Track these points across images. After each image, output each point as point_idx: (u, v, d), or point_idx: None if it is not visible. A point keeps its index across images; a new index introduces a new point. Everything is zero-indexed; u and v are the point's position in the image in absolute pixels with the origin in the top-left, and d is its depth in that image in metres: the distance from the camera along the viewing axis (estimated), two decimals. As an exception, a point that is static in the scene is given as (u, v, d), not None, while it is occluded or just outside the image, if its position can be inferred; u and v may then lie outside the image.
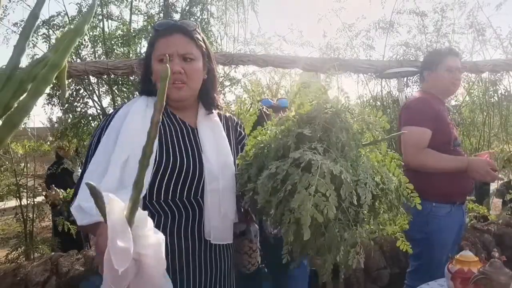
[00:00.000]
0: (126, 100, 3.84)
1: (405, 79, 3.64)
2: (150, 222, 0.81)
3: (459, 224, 2.13)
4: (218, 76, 1.32)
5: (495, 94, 4.33)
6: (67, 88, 3.92)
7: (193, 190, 1.10)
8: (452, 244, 2.13)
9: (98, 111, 3.82)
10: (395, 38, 4.43)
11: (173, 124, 1.19)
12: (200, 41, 1.20)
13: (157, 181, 1.08)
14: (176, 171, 1.09)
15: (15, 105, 0.51)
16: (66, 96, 3.75)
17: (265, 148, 1.03)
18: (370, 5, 4.52)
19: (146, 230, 0.78)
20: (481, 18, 4.41)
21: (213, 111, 1.26)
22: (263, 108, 2.30)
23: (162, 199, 1.09)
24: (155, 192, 1.09)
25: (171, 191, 1.09)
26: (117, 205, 0.71)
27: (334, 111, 0.98)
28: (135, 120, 1.12)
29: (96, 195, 0.70)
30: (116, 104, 3.81)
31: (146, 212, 0.82)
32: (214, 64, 1.27)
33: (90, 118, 3.78)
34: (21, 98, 0.52)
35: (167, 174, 1.08)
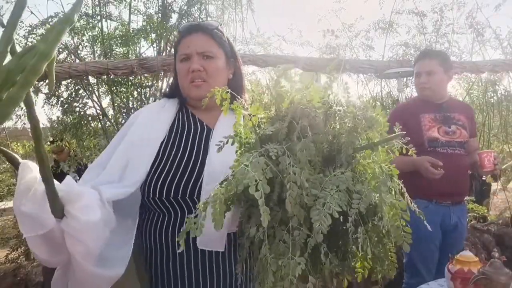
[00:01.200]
0: (125, 100, 3.84)
1: (405, 79, 3.65)
2: (85, 200, 0.84)
3: (439, 223, 2.12)
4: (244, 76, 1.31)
5: (495, 94, 4.33)
6: (67, 89, 3.89)
7: (189, 190, 1.06)
8: (443, 246, 2.14)
9: (98, 111, 3.82)
10: (394, 38, 4.44)
11: (189, 124, 1.19)
12: (223, 40, 1.20)
13: (155, 178, 1.07)
14: (173, 169, 1.07)
15: (4, 96, 0.49)
16: (65, 96, 3.76)
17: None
18: (365, 3, 4.49)
19: (76, 207, 0.81)
20: (480, 19, 4.41)
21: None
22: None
23: (158, 196, 1.07)
24: (151, 189, 1.07)
25: (166, 189, 1.06)
26: (29, 172, 0.74)
27: (308, 104, 0.80)
28: (144, 121, 1.16)
29: (11, 160, 0.73)
30: (116, 104, 3.81)
31: (80, 189, 0.86)
32: (240, 65, 1.27)
33: (90, 119, 3.78)
34: (11, 89, 0.49)
35: (165, 172, 1.07)
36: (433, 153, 2.07)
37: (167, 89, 1.30)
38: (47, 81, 2.92)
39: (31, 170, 0.75)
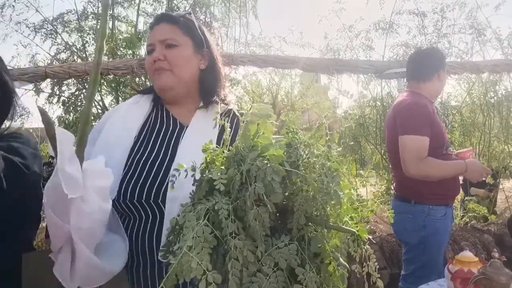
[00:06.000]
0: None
1: (405, 79, 3.64)
2: (101, 184, 0.82)
3: (451, 225, 2.16)
4: (223, 70, 1.21)
5: (495, 95, 4.33)
6: (68, 88, 3.89)
7: (153, 193, 1.00)
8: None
9: (99, 110, 3.83)
10: (394, 38, 4.43)
11: (162, 122, 1.13)
12: (191, 28, 1.14)
13: (127, 178, 1.01)
14: (138, 171, 1.02)
15: None
16: (67, 96, 3.78)
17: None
18: (367, 5, 4.48)
19: (95, 183, 0.80)
20: (481, 19, 4.40)
21: (215, 107, 1.14)
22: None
23: (122, 199, 1.00)
24: (122, 191, 1.01)
25: (130, 191, 1.00)
26: (67, 135, 0.75)
27: (266, 165, 0.66)
28: (117, 120, 1.11)
29: (48, 121, 0.75)
30: (119, 103, 3.83)
31: (104, 169, 0.85)
32: (216, 54, 1.19)
33: (92, 118, 3.79)
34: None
35: (130, 173, 1.02)
36: (446, 156, 2.07)
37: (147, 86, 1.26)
38: (48, 80, 2.94)
39: (68, 136, 0.76)
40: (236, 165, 0.71)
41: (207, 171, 0.76)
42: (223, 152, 0.78)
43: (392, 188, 3.69)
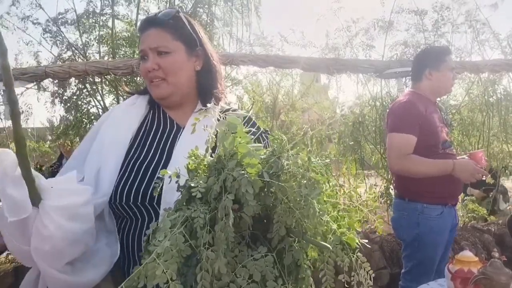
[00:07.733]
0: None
1: (405, 79, 3.64)
2: (64, 203, 0.79)
3: (450, 225, 2.15)
4: (219, 66, 1.19)
5: (494, 94, 4.33)
6: (69, 88, 3.89)
7: (148, 196, 0.98)
8: (446, 245, 2.15)
9: (100, 111, 3.83)
10: (394, 37, 4.42)
11: (159, 123, 1.12)
12: (181, 29, 1.10)
13: (123, 180, 1.01)
14: (134, 173, 1.01)
15: None
16: (69, 95, 3.79)
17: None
18: (364, 1, 4.45)
19: (58, 203, 0.77)
20: (480, 18, 4.40)
21: (214, 107, 1.12)
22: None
23: (118, 201, 0.99)
24: (118, 193, 1.00)
25: (126, 194, 0.99)
26: (10, 156, 0.74)
27: (242, 175, 0.64)
28: (114, 121, 1.10)
29: None
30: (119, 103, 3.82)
31: (75, 186, 0.83)
32: (210, 51, 1.15)
33: (92, 117, 3.79)
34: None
35: (126, 175, 1.01)
36: (445, 155, 2.08)
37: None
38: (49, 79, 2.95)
39: (10, 155, 0.74)
40: (217, 173, 0.69)
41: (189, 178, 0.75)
42: (204, 159, 0.76)
43: (392, 187, 3.70)
